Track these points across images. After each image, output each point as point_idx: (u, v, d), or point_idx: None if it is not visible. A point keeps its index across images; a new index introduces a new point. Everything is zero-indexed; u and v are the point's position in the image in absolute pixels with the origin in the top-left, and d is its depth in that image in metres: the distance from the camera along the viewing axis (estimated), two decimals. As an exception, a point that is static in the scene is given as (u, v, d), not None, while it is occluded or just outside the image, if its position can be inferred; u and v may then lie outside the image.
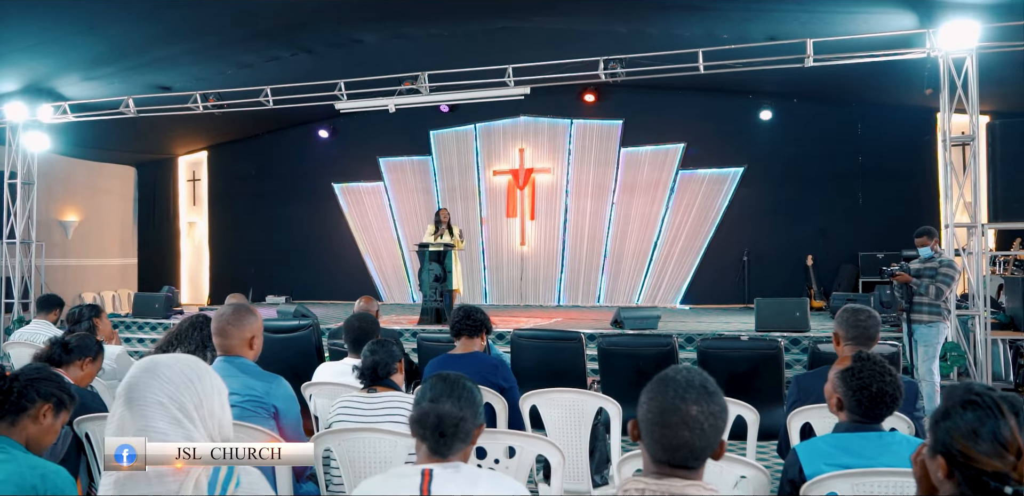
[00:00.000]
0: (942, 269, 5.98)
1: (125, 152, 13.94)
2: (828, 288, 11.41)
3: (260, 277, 14.09)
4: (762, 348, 4.25)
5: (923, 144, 11.27)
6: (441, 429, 1.68)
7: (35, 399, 2.03)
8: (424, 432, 1.69)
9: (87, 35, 8.95)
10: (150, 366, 1.69)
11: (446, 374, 1.82)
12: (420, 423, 1.70)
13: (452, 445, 1.68)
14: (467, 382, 1.81)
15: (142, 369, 1.69)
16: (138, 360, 1.77)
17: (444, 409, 1.70)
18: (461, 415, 1.71)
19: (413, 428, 1.73)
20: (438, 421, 1.68)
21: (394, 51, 10.11)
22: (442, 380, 1.79)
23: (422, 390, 1.81)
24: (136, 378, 1.66)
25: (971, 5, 7.09)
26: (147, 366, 1.69)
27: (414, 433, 1.73)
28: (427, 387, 1.80)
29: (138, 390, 1.65)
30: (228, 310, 2.80)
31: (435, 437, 1.68)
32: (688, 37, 8.89)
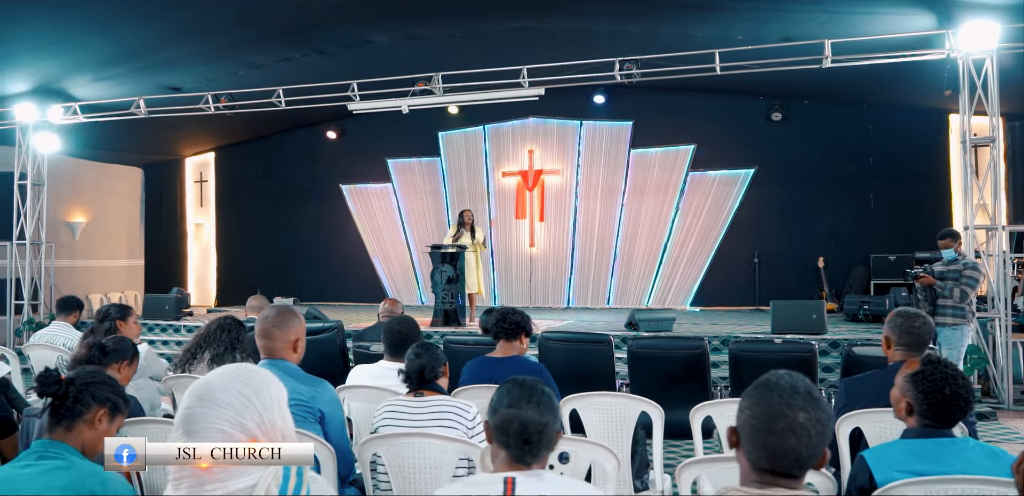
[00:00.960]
0: (966, 272, 5.94)
1: (132, 153, 13.89)
2: (840, 290, 11.37)
3: (267, 279, 14.01)
4: (796, 351, 4.20)
5: (935, 146, 11.25)
6: (526, 436, 1.63)
7: (91, 404, 1.98)
8: (507, 439, 1.64)
9: (98, 35, 8.92)
10: (204, 394, 1.64)
11: (522, 379, 1.78)
12: (503, 430, 1.65)
13: (538, 452, 1.63)
14: (544, 387, 1.77)
15: (197, 398, 1.64)
16: (193, 386, 1.71)
17: (528, 415, 1.66)
18: (544, 421, 1.66)
19: (494, 435, 1.68)
20: (522, 428, 1.63)
21: (406, 52, 10.07)
22: (519, 385, 1.75)
23: (497, 395, 1.76)
24: (192, 409, 1.62)
25: (991, 6, 7.06)
26: (201, 394, 1.64)
27: (494, 440, 1.68)
28: (503, 392, 1.75)
29: (196, 422, 1.60)
30: (272, 312, 2.75)
31: (519, 444, 1.63)
32: (702, 38, 8.85)
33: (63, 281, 12.06)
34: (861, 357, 4.03)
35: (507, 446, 1.63)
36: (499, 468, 1.65)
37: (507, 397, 1.72)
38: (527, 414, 1.66)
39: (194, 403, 1.63)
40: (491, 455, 1.71)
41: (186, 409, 1.63)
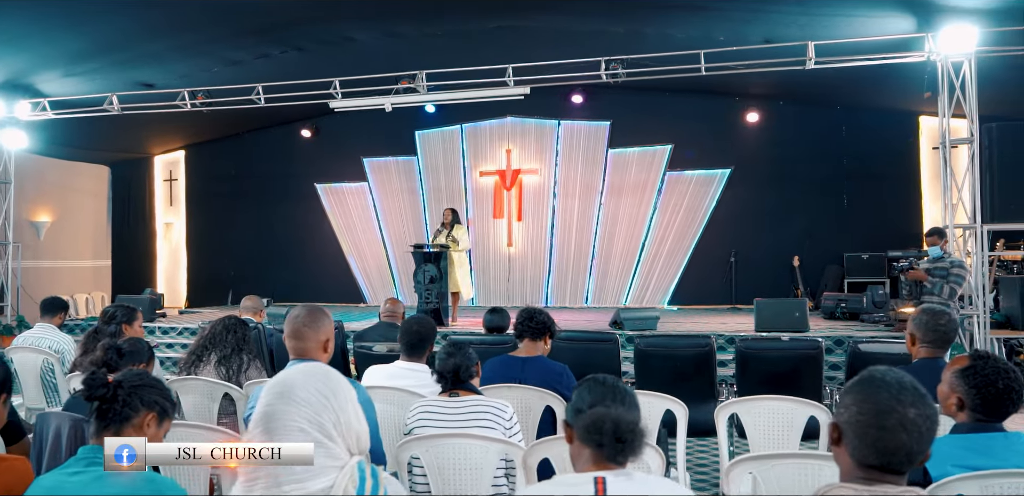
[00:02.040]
0: (953, 269, 6.07)
1: (99, 151, 13.55)
2: (814, 289, 11.54)
3: (240, 279, 13.80)
4: (804, 348, 4.24)
5: (906, 147, 11.49)
6: (619, 434, 1.60)
7: (139, 407, 1.91)
8: (600, 438, 1.61)
9: (70, 30, 8.66)
10: (284, 391, 1.61)
11: (602, 377, 1.75)
12: (596, 429, 1.62)
13: (632, 451, 1.61)
14: (622, 384, 1.74)
15: (277, 396, 1.61)
16: (271, 383, 1.67)
17: (619, 413, 1.63)
18: (635, 418, 1.64)
19: (583, 435, 1.64)
20: (615, 426, 1.60)
21: (387, 50, 9.97)
22: (600, 383, 1.72)
23: (577, 395, 1.73)
24: (273, 406, 1.59)
25: (970, 10, 7.21)
26: (281, 392, 1.62)
27: (582, 440, 1.65)
28: (584, 391, 1.72)
29: (276, 419, 1.58)
30: (302, 312, 2.68)
31: (612, 443, 1.60)
32: (684, 38, 8.91)
33: (28, 282, 11.72)
34: (868, 354, 4.07)
35: (600, 445, 1.60)
36: (585, 468, 1.62)
37: (589, 396, 1.70)
38: (618, 412, 1.63)
39: (274, 400, 1.59)
40: (573, 456, 1.69)
41: (266, 406, 1.59)
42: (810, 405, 3.03)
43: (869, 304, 9.25)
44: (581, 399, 1.71)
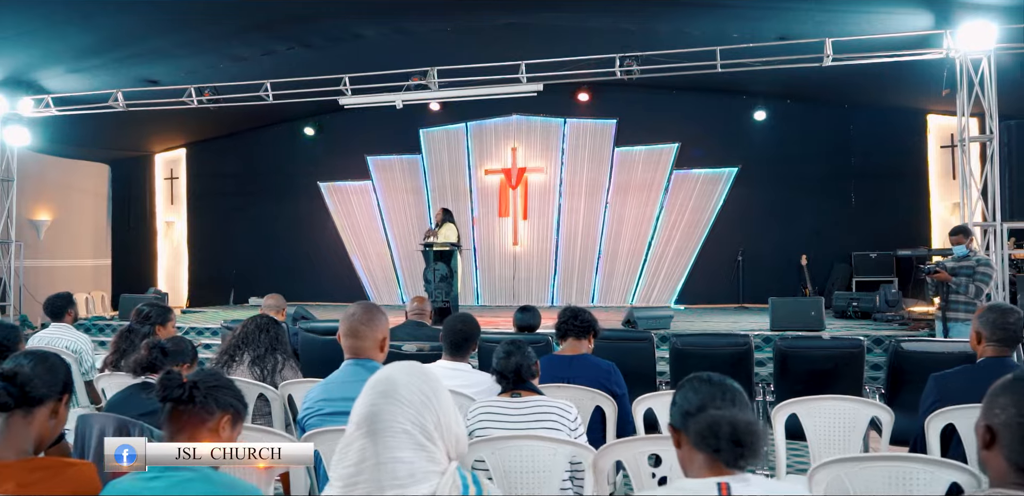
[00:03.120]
0: (980, 268, 6.00)
1: (98, 149, 13.40)
2: (822, 288, 11.50)
3: (242, 278, 13.68)
4: (845, 347, 4.16)
5: (913, 146, 11.47)
6: (737, 438, 1.50)
7: (214, 410, 1.82)
8: (718, 444, 1.51)
9: (77, 25, 8.54)
10: (388, 390, 1.53)
11: (706, 375, 1.66)
12: (712, 434, 1.52)
13: (755, 454, 1.51)
14: (730, 381, 1.65)
15: (381, 394, 1.52)
16: (374, 381, 1.59)
17: (734, 416, 1.54)
18: (751, 419, 1.55)
19: (696, 440, 1.54)
20: (732, 430, 1.50)
21: (396, 47, 9.87)
22: (706, 382, 1.63)
23: (682, 396, 1.64)
24: (378, 406, 1.51)
25: (989, 6, 7.17)
26: (385, 390, 1.53)
27: (695, 445, 1.55)
28: (689, 391, 1.63)
29: (382, 420, 1.49)
30: (359, 310, 2.60)
31: (732, 448, 1.50)
32: (698, 35, 8.86)
33: (28, 281, 11.58)
34: (911, 353, 4.02)
35: (717, 451, 1.51)
36: (701, 474, 1.53)
37: (696, 397, 1.60)
38: (733, 414, 1.54)
39: (378, 399, 1.51)
40: (683, 460, 1.60)
41: (370, 406, 1.50)
42: (873, 405, 2.95)
43: (882, 303, 9.20)
44: (687, 401, 1.61)
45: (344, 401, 2.47)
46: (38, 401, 1.85)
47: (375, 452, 1.47)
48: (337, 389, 2.52)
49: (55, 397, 1.90)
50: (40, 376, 1.85)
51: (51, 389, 1.88)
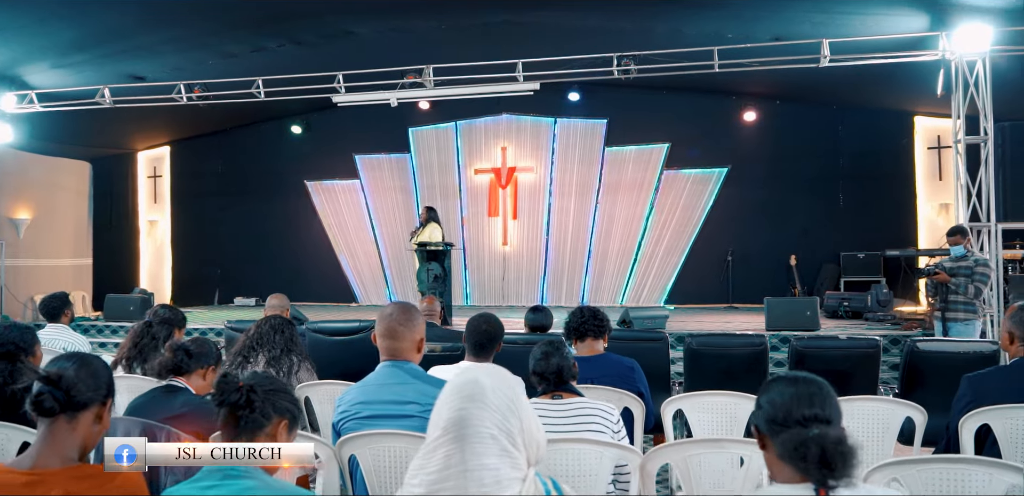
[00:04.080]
0: (978, 268, 6.04)
1: (80, 146, 13.14)
2: (811, 288, 11.57)
3: (227, 278, 13.51)
4: (862, 347, 4.16)
5: (901, 147, 11.57)
6: (826, 459, 1.40)
7: (271, 415, 1.74)
8: (807, 466, 1.42)
9: (64, 20, 8.36)
10: (475, 393, 1.47)
11: (792, 375, 1.60)
12: (800, 456, 1.42)
13: (846, 473, 1.41)
14: (819, 380, 1.60)
15: (468, 398, 1.47)
16: (458, 384, 1.53)
17: (825, 434, 1.43)
18: (841, 435, 1.45)
19: (784, 454, 1.46)
20: (821, 451, 1.41)
21: (389, 44, 9.78)
22: (793, 384, 1.57)
23: (767, 400, 1.58)
24: (466, 410, 1.45)
25: (984, 8, 7.23)
26: (472, 393, 1.47)
27: (784, 459, 1.48)
28: (774, 395, 1.57)
29: (470, 425, 1.44)
30: (396, 310, 2.52)
31: (819, 469, 1.41)
32: (694, 35, 8.86)
33: (8, 281, 11.34)
34: (928, 353, 4.02)
35: (805, 470, 1.44)
36: (793, 480, 1.48)
37: (781, 401, 1.54)
38: (824, 433, 1.44)
39: (466, 403, 1.45)
40: (771, 464, 1.55)
41: (458, 410, 1.44)
42: (906, 405, 2.93)
43: (874, 303, 9.28)
44: (773, 405, 1.55)
45: (383, 404, 2.41)
46: (82, 406, 1.77)
47: (462, 458, 1.42)
48: (375, 392, 2.45)
49: (99, 401, 1.82)
50: (84, 380, 1.77)
51: (96, 393, 1.80)
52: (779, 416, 1.53)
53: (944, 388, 3.69)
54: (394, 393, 2.40)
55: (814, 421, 1.51)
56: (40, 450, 1.72)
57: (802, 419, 1.51)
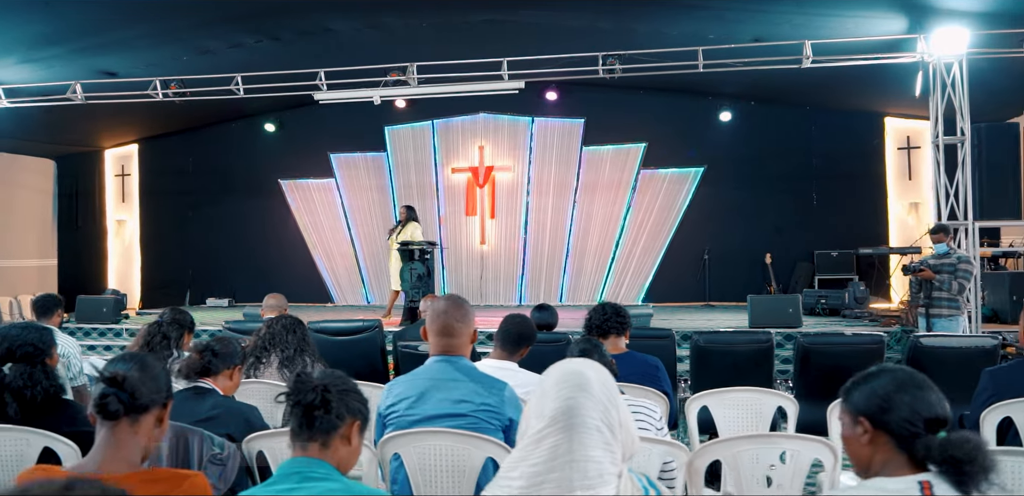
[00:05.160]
0: (961, 265, 6.18)
1: (43, 144, 12.78)
2: (786, 285, 11.74)
3: (199, 279, 13.25)
4: (867, 343, 4.23)
5: (872, 147, 11.82)
6: (979, 464, 1.39)
7: (344, 415, 1.69)
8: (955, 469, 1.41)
9: (36, 12, 8.10)
10: (583, 383, 1.45)
11: (892, 367, 1.62)
12: (956, 468, 1.41)
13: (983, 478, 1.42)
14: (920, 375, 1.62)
15: (577, 387, 1.44)
16: (563, 374, 1.50)
17: (976, 443, 1.42)
18: (979, 437, 1.45)
19: (929, 456, 1.47)
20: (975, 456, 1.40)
21: (369, 42, 9.69)
22: (914, 381, 1.58)
23: (882, 396, 1.58)
24: (575, 399, 1.43)
25: (961, 12, 7.40)
26: (580, 383, 1.45)
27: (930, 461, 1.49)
28: (890, 390, 1.57)
29: (579, 415, 1.42)
30: (448, 305, 2.46)
31: (968, 472, 1.40)
32: (676, 36, 8.92)
33: (-29, 283, 11.00)
34: (931, 348, 4.10)
35: (943, 473, 1.44)
36: (899, 472, 1.49)
37: (910, 398, 1.54)
38: (968, 438, 1.43)
39: (575, 393, 1.43)
40: (874, 457, 1.56)
41: (567, 399, 1.42)
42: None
43: (851, 300, 9.44)
44: (890, 399, 1.55)
45: (436, 401, 2.37)
46: (144, 408, 1.71)
47: (569, 448, 1.39)
48: (427, 386, 2.38)
49: (161, 403, 1.76)
50: (145, 382, 1.71)
51: (157, 395, 1.74)
52: (899, 408, 1.54)
53: (945, 382, 3.76)
54: (447, 390, 2.36)
55: (943, 423, 1.53)
56: (104, 455, 1.66)
57: (933, 420, 1.53)
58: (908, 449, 1.51)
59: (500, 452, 2.33)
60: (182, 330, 3.66)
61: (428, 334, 2.49)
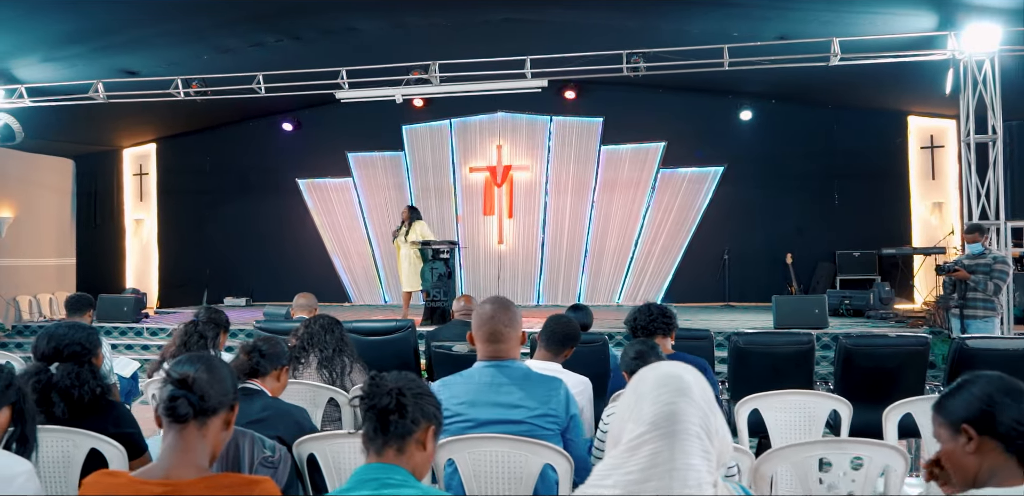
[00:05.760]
0: (997, 265, 6.09)
1: (62, 143, 12.80)
2: (807, 286, 11.64)
3: (216, 278, 13.25)
4: (912, 344, 4.15)
5: (895, 146, 11.69)
6: None
7: (419, 420, 1.64)
8: None
9: (60, 12, 8.09)
10: (683, 387, 1.39)
11: (984, 373, 1.55)
12: None
13: None
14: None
15: (677, 392, 1.38)
16: (661, 377, 1.44)
17: None
18: None
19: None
20: None
21: (391, 40, 9.65)
22: (986, 379, 1.53)
23: (983, 399, 1.52)
24: (676, 404, 1.36)
25: (993, 8, 7.29)
26: (680, 387, 1.39)
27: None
28: (987, 389, 1.52)
29: (681, 420, 1.35)
30: (494, 309, 2.40)
31: None
32: (698, 34, 8.83)
33: (-11, 281, 11.04)
34: (977, 350, 4.03)
35: None
36: (1008, 481, 1.43)
37: (1003, 396, 1.49)
38: None
39: (676, 398, 1.37)
40: (982, 465, 1.50)
41: (667, 404, 1.36)
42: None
43: (876, 301, 9.34)
44: (1004, 404, 1.50)
45: (491, 406, 2.31)
46: (213, 411, 1.66)
47: (671, 456, 1.33)
48: (481, 392, 2.33)
49: (228, 406, 1.71)
50: (213, 384, 1.66)
51: (225, 397, 1.69)
52: (1015, 414, 1.50)
53: (991, 385, 3.70)
54: (500, 395, 2.30)
55: None
56: (171, 459, 1.61)
57: None
58: (1018, 453, 1.44)
59: (558, 458, 2.28)
60: (218, 330, 3.62)
61: (475, 340, 2.42)
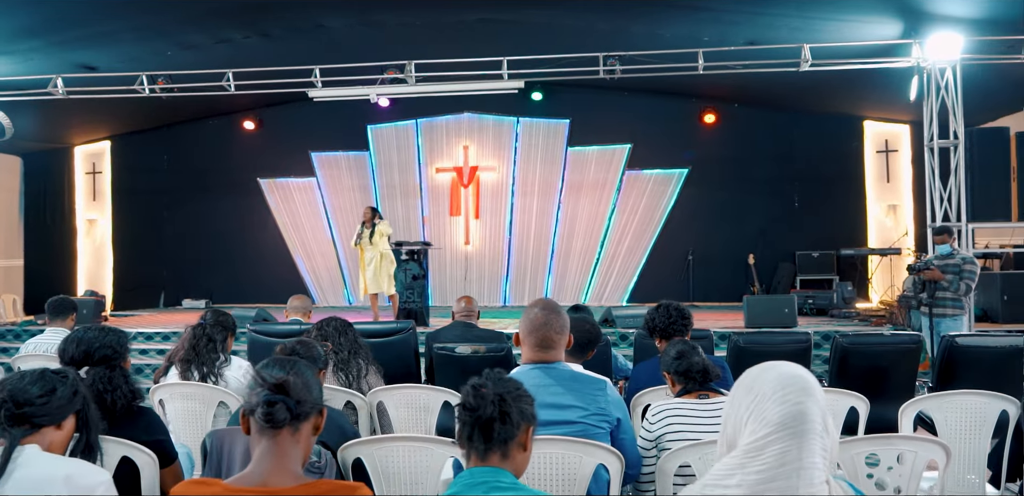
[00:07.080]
0: (966, 266, 6.32)
1: (10, 139, 12.28)
2: (769, 286, 11.89)
3: (174, 280, 12.93)
4: (904, 343, 4.28)
5: (851, 150, 12.04)
6: None
7: (520, 423, 1.62)
8: None
9: (15, 4, 7.78)
10: (808, 387, 1.41)
11: None
12: None
13: None
14: None
15: (803, 391, 1.40)
16: (785, 376, 1.45)
17: None
18: None
19: None
20: None
21: (363, 39, 9.53)
22: None
23: None
24: (804, 404, 1.38)
25: (956, 18, 7.56)
26: (805, 387, 1.41)
27: None
28: None
29: (809, 420, 1.38)
30: (549, 315, 2.36)
31: None
32: (670, 38, 8.96)
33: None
34: (966, 347, 4.17)
35: None
36: None
37: None
38: None
39: (803, 397, 1.39)
40: None
41: (795, 404, 1.38)
42: (1002, 398, 3.01)
43: (839, 300, 9.60)
44: None
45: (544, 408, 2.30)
46: (306, 416, 1.62)
47: (799, 455, 1.35)
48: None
49: (318, 411, 1.67)
50: (305, 388, 1.63)
51: (316, 402, 1.66)
52: None
53: (978, 380, 3.84)
54: (551, 396, 2.30)
55: None
56: (267, 466, 1.56)
57: None
58: None
59: (611, 458, 2.29)
60: (226, 332, 3.53)
61: (524, 345, 2.40)
